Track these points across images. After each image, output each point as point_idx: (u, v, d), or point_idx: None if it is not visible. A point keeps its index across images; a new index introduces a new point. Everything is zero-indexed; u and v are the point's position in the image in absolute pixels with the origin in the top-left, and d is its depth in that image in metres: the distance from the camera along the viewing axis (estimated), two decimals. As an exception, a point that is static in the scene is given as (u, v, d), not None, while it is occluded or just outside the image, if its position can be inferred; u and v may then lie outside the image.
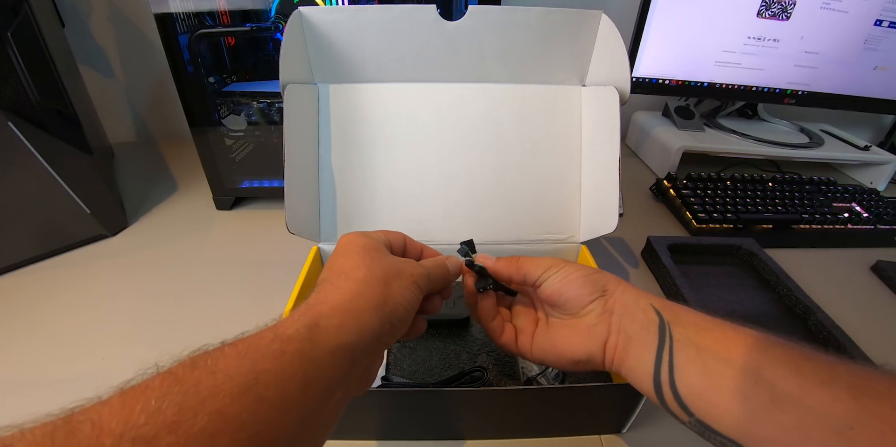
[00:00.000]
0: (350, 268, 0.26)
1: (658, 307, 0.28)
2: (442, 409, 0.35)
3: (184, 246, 0.59)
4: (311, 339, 0.21)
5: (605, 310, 0.29)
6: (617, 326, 0.29)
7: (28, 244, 0.54)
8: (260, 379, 0.18)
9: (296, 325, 0.22)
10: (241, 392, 0.18)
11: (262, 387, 0.18)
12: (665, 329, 0.27)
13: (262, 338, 0.20)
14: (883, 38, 0.74)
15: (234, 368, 0.18)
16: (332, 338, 0.22)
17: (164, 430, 0.15)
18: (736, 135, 0.83)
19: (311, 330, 0.21)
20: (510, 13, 0.44)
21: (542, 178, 0.49)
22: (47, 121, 0.50)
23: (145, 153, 0.84)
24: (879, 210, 0.70)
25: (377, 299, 0.25)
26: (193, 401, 0.17)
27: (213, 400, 0.17)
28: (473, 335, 0.45)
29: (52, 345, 0.44)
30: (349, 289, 0.25)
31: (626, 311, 0.29)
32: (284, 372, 0.19)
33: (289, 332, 0.21)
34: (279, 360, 0.19)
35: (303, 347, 0.21)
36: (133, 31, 0.78)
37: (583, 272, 0.31)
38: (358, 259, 0.27)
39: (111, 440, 0.15)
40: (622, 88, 0.45)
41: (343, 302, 0.24)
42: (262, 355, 0.19)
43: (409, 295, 0.27)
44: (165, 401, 0.16)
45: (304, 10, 0.43)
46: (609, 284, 0.30)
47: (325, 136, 0.47)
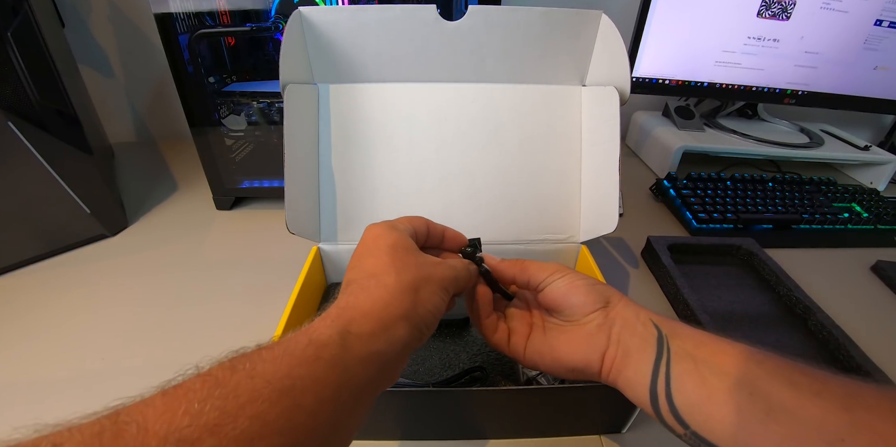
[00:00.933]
0: (379, 271, 0.26)
1: (657, 322, 0.28)
2: (442, 409, 0.35)
3: (184, 246, 0.59)
4: (343, 347, 0.21)
5: (606, 322, 0.29)
6: (616, 338, 0.29)
7: (28, 244, 0.54)
8: (297, 384, 0.19)
9: (329, 331, 0.22)
10: (279, 397, 0.18)
11: (299, 393, 0.19)
12: (663, 342, 0.27)
13: (298, 342, 0.21)
14: (883, 38, 0.74)
15: (272, 373, 0.19)
16: (363, 347, 0.22)
17: (206, 433, 0.16)
18: (736, 135, 0.83)
19: (342, 337, 0.22)
20: (510, 13, 0.44)
21: (542, 177, 0.49)
22: (47, 121, 0.50)
23: (145, 153, 0.84)
24: (879, 210, 0.70)
25: (407, 308, 0.25)
26: (234, 404, 0.17)
27: (253, 404, 0.17)
28: (473, 335, 0.45)
29: (52, 345, 0.44)
30: (380, 297, 0.25)
31: (626, 324, 0.29)
32: (319, 378, 0.20)
33: (322, 338, 0.21)
34: (314, 366, 0.20)
35: (336, 354, 0.21)
36: (133, 31, 0.78)
37: (588, 281, 0.31)
38: (387, 260, 0.26)
39: (157, 442, 0.15)
40: (622, 88, 0.45)
41: (374, 310, 0.24)
42: (298, 360, 0.20)
43: (438, 300, 0.27)
44: (207, 404, 0.17)
45: (304, 10, 0.43)
46: (612, 297, 0.30)
47: (325, 136, 0.47)
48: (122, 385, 0.19)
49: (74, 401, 0.38)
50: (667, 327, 0.28)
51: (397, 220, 0.31)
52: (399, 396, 0.34)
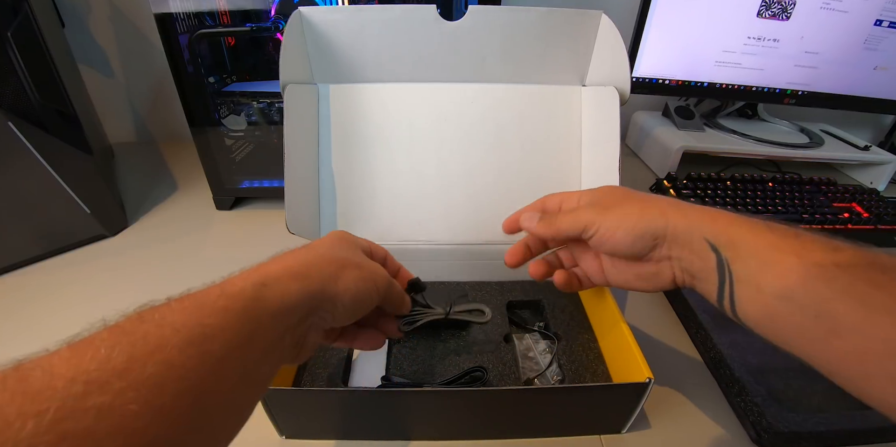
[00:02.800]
0: (316, 245, 0.28)
1: (715, 241, 0.27)
2: (442, 409, 0.35)
3: (184, 246, 0.59)
4: (255, 298, 0.21)
5: (663, 257, 0.30)
6: (679, 268, 0.29)
7: (28, 244, 0.54)
8: (206, 332, 0.19)
9: (242, 283, 0.22)
10: (188, 344, 0.18)
11: (208, 340, 0.19)
12: (724, 268, 0.27)
13: (209, 294, 0.21)
14: (883, 38, 0.74)
15: (181, 322, 0.19)
16: (276, 299, 0.22)
17: (114, 376, 0.16)
18: (736, 135, 0.83)
19: (256, 289, 0.22)
20: (510, 13, 0.44)
21: (543, 177, 0.49)
22: (47, 121, 0.50)
23: (145, 153, 0.84)
24: (879, 210, 0.70)
25: (329, 274, 0.25)
26: (141, 351, 0.17)
27: (161, 351, 0.17)
28: (473, 335, 0.45)
29: (52, 344, 0.44)
30: (305, 258, 0.25)
31: (683, 254, 0.29)
32: (229, 327, 0.20)
33: (235, 290, 0.21)
34: (224, 316, 0.20)
35: (247, 305, 0.21)
36: (133, 31, 0.78)
37: (626, 225, 0.30)
38: (327, 241, 0.28)
39: (63, 382, 0.15)
40: (622, 88, 0.45)
41: (295, 266, 0.24)
42: (209, 311, 0.20)
43: (363, 285, 0.27)
44: (115, 350, 0.17)
45: (304, 10, 0.43)
46: (658, 230, 0.29)
47: (325, 136, 0.47)
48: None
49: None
50: (727, 245, 0.27)
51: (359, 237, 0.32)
52: (399, 396, 0.34)
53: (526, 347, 0.43)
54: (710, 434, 0.38)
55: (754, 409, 0.37)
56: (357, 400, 0.34)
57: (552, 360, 0.42)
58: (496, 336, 0.45)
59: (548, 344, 0.44)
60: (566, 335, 0.44)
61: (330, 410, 0.35)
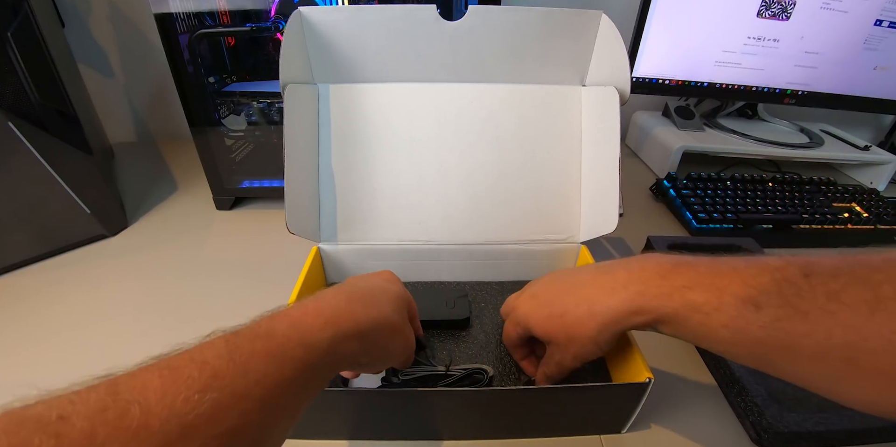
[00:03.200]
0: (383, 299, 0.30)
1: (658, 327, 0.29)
2: (443, 410, 0.35)
3: (184, 246, 0.59)
4: (332, 354, 0.24)
5: None
6: None
7: (28, 244, 0.54)
8: (282, 386, 0.21)
9: (320, 335, 0.24)
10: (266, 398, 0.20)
11: (282, 397, 0.20)
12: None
13: (289, 339, 0.22)
14: (883, 38, 0.74)
15: (262, 373, 0.20)
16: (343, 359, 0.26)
17: (203, 423, 0.17)
18: (736, 135, 0.83)
19: (332, 346, 0.24)
20: (510, 13, 0.44)
21: (542, 177, 0.49)
22: (47, 121, 0.50)
23: (145, 153, 0.84)
24: (879, 210, 0.70)
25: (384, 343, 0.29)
26: (227, 400, 0.18)
27: (244, 402, 0.19)
28: (473, 335, 0.45)
29: (52, 344, 0.44)
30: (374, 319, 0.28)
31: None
32: (300, 382, 0.22)
33: (313, 342, 0.23)
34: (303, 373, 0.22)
35: (328, 362, 0.24)
36: (133, 31, 0.78)
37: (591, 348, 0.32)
38: (393, 298, 0.31)
39: (159, 424, 0.16)
40: (622, 88, 0.45)
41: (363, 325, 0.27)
42: (288, 361, 0.21)
43: (399, 353, 0.31)
44: (206, 395, 0.18)
45: (304, 10, 0.43)
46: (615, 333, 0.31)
47: (325, 136, 0.47)
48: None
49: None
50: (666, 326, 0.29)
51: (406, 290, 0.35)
52: (400, 396, 0.34)
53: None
54: (710, 434, 0.38)
55: (754, 409, 0.37)
56: (357, 400, 0.34)
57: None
58: (496, 336, 0.45)
59: (548, 344, 0.44)
60: (566, 335, 0.44)
61: (330, 411, 0.35)
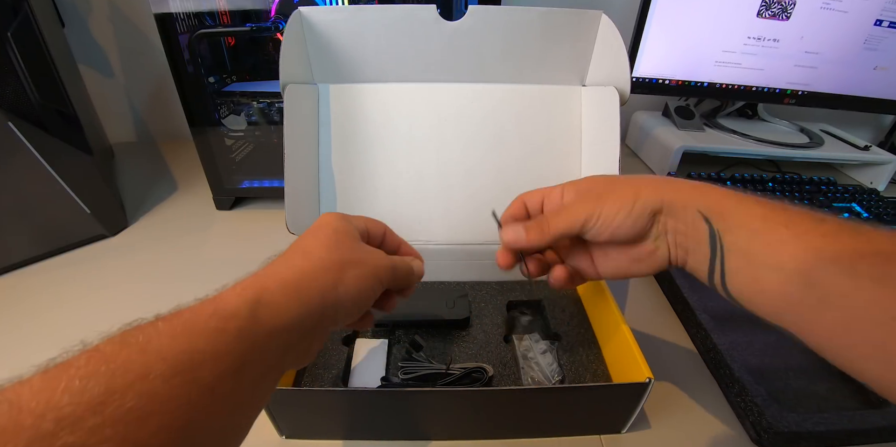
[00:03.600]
0: (311, 247, 0.26)
1: (707, 213, 0.27)
2: (442, 410, 0.35)
3: (184, 246, 0.59)
4: (251, 318, 0.20)
5: (661, 233, 0.30)
6: (674, 242, 0.29)
7: (28, 244, 0.54)
8: (195, 359, 0.18)
9: (237, 301, 0.21)
10: (174, 373, 0.17)
11: (197, 368, 0.17)
12: (716, 240, 0.27)
13: (201, 313, 0.20)
14: (883, 38, 0.74)
15: (167, 347, 0.17)
16: (273, 319, 0.21)
17: (88, 411, 0.15)
18: (736, 135, 0.83)
19: (252, 308, 0.20)
20: (510, 13, 0.44)
21: (542, 177, 0.49)
22: (47, 121, 0.50)
23: (145, 153, 0.84)
24: (879, 210, 0.70)
25: (327, 283, 0.24)
26: (121, 381, 0.16)
27: (143, 381, 0.16)
28: (473, 335, 0.45)
29: (53, 344, 0.44)
30: (301, 267, 0.24)
31: (678, 228, 0.29)
32: (220, 352, 0.18)
33: (229, 309, 0.20)
34: (216, 339, 0.19)
35: (242, 326, 0.20)
36: (133, 31, 0.78)
37: (626, 208, 0.29)
38: (323, 239, 0.26)
39: (32, 419, 0.14)
40: (622, 88, 0.45)
41: (291, 279, 0.23)
42: (199, 333, 0.18)
43: (365, 285, 0.26)
44: (91, 381, 0.15)
45: (304, 10, 0.43)
46: (656, 205, 0.29)
47: (325, 136, 0.47)
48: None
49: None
50: (719, 218, 0.27)
51: (354, 216, 0.30)
52: (399, 396, 0.34)
53: (526, 347, 0.43)
54: (710, 434, 0.38)
55: (754, 409, 0.37)
56: (357, 400, 0.34)
57: (552, 360, 0.42)
58: (496, 336, 0.45)
59: (548, 344, 0.44)
60: (566, 335, 0.44)
61: (330, 410, 0.35)
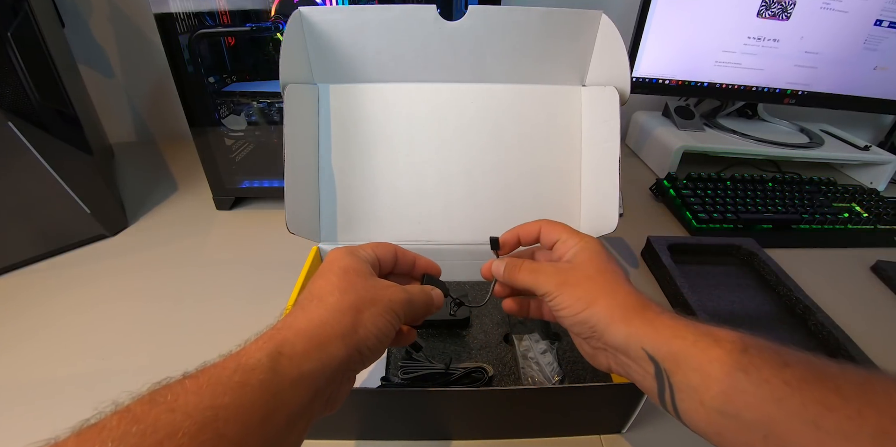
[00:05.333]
0: (324, 292, 0.25)
1: (653, 353, 0.25)
2: (442, 410, 0.35)
3: (184, 246, 0.59)
4: (273, 370, 0.21)
5: (599, 348, 0.29)
6: (615, 362, 0.28)
7: (28, 244, 0.54)
8: (219, 415, 0.18)
9: (258, 354, 0.21)
10: (199, 429, 0.17)
11: (222, 423, 0.18)
12: (663, 378, 0.25)
13: (224, 369, 0.20)
14: (883, 38, 0.74)
15: (193, 404, 0.18)
16: (294, 368, 0.21)
17: None
18: (736, 135, 0.83)
19: (273, 359, 0.21)
20: (510, 13, 0.44)
21: (542, 177, 0.49)
22: (47, 121, 0.50)
23: (145, 153, 0.84)
24: (879, 210, 0.70)
25: (346, 328, 0.24)
26: (151, 441, 0.16)
27: (171, 439, 0.17)
28: (473, 335, 0.45)
29: (53, 344, 0.44)
30: (318, 316, 0.24)
31: (618, 355, 0.28)
32: (244, 405, 0.19)
33: (251, 362, 0.21)
34: (240, 393, 0.19)
35: (265, 379, 0.20)
36: (133, 31, 0.78)
37: (571, 309, 0.29)
38: (335, 281, 0.26)
39: None
40: (622, 88, 0.45)
41: (309, 328, 0.23)
42: (223, 388, 0.19)
43: (383, 323, 0.26)
44: (122, 443, 0.16)
45: (304, 10, 0.43)
46: (597, 326, 0.28)
47: (325, 136, 0.47)
48: (123, 385, 0.19)
49: (75, 401, 0.38)
50: (667, 357, 0.25)
51: (361, 246, 0.30)
52: (399, 397, 0.34)
53: (526, 347, 0.43)
54: (710, 434, 0.38)
55: (754, 409, 0.37)
56: (357, 400, 0.34)
57: (552, 360, 0.42)
58: (496, 336, 0.45)
59: (548, 344, 0.44)
60: (566, 335, 0.44)
61: (330, 410, 0.35)
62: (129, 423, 0.17)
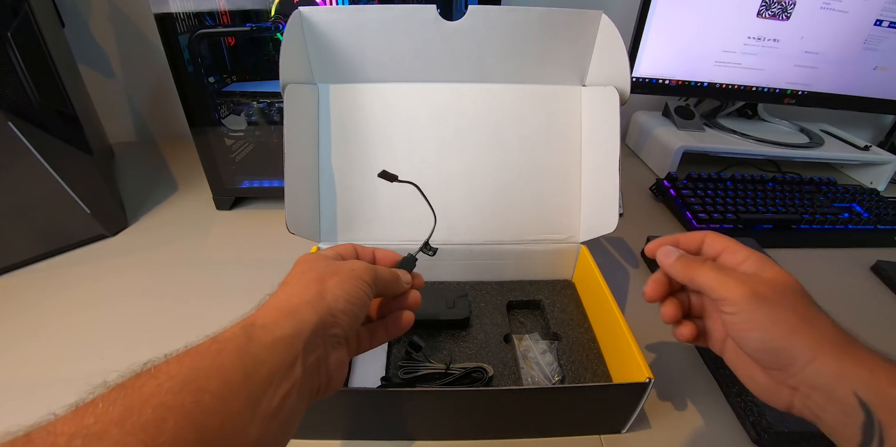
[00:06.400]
0: (290, 278, 0.28)
1: (866, 397, 0.22)
2: (442, 410, 0.35)
3: (184, 246, 0.59)
4: (247, 337, 0.22)
5: (787, 384, 0.24)
6: (803, 403, 0.24)
7: (28, 244, 0.54)
8: (200, 374, 0.20)
9: (233, 329, 0.23)
10: (182, 386, 0.19)
11: (204, 381, 0.19)
12: (874, 431, 0.21)
13: (203, 343, 0.22)
14: (883, 38, 0.74)
15: (175, 369, 0.20)
16: (268, 334, 0.23)
17: (112, 425, 0.17)
18: (736, 135, 0.83)
19: (246, 330, 0.23)
20: (510, 13, 0.44)
21: (542, 177, 0.49)
22: (47, 121, 0.50)
23: (145, 153, 0.84)
24: (879, 210, 0.70)
25: (313, 295, 0.26)
26: (138, 399, 0.18)
27: (156, 396, 0.18)
28: (473, 335, 0.45)
29: (53, 344, 0.44)
30: (284, 293, 0.26)
31: (817, 397, 0.23)
32: (224, 365, 0.20)
33: (226, 335, 0.22)
34: (217, 357, 0.21)
35: (240, 344, 0.22)
36: (133, 31, 0.78)
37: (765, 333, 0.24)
38: (298, 270, 0.29)
39: (64, 439, 0.16)
40: (622, 88, 0.45)
41: (277, 303, 0.25)
42: (201, 356, 0.21)
43: (350, 286, 0.27)
44: (111, 405, 0.18)
45: (304, 10, 0.43)
46: (797, 360, 0.24)
47: (325, 136, 0.47)
48: (122, 385, 0.20)
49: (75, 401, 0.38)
50: (883, 407, 0.21)
51: (323, 250, 0.32)
52: (399, 396, 0.34)
53: (526, 347, 0.43)
54: (710, 434, 0.38)
55: (754, 409, 0.37)
56: (357, 400, 0.34)
57: (552, 360, 0.42)
58: (496, 336, 0.45)
59: (548, 344, 0.44)
60: (566, 335, 0.44)
61: (330, 410, 0.35)
62: (117, 391, 0.18)
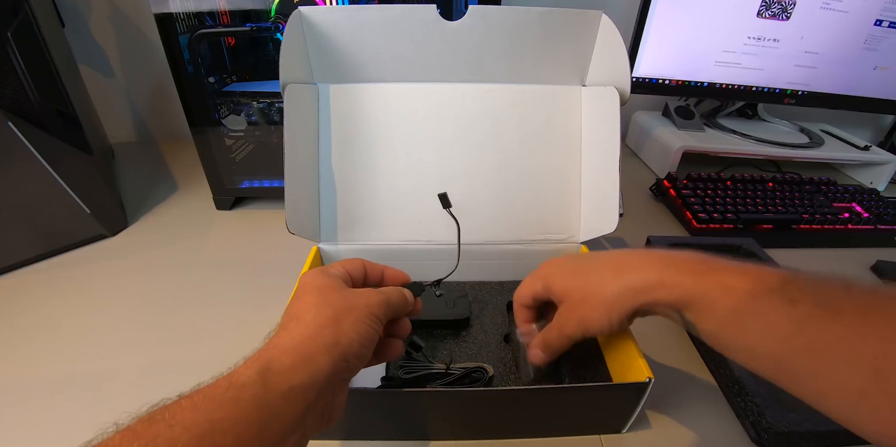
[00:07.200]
0: (302, 311, 0.27)
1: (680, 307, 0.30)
2: (442, 410, 0.35)
3: (184, 246, 0.59)
4: (263, 385, 0.22)
5: None
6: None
7: (28, 244, 0.54)
8: (216, 428, 0.19)
9: (248, 372, 0.22)
10: (197, 442, 0.18)
11: (219, 436, 0.19)
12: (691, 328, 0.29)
13: (217, 387, 0.21)
14: (883, 38, 0.74)
15: (191, 420, 0.19)
16: (284, 382, 0.22)
17: None
18: (736, 135, 0.83)
19: (262, 375, 0.22)
20: (510, 13, 0.44)
21: (542, 177, 0.49)
22: (47, 121, 0.50)
23: (145, 153, 0.84)
24: (879, 210, 0.70)
25: (328, 339, 0.25)
26: None
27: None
28: (473, 335, 0.45)
29: (53, 344, 0.44)
30: (300, 333, 0.25)
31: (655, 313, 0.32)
32: (239, 419, 0.20)
33: (242, 379, 0.22)
34: (233, 408, 0.20)
35: (256, 393, 0.21)
36: (133, 31, 0.78)
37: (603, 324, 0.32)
38: (310, 300, 0.27)
39: None
40: (622, 88, 0.45)
41: (293, 345, 0.24)
42: (217, 404, 0.20)
43: (364, 328, 0.27)
44: None
45: (304, 9, 0.43)
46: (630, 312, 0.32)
47: (325, 136, 0.47)
48: (122, 385, 0.19)
49: (74, 401, 0.38)
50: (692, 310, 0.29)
51: (331, 265, 0.31)
52: (399, 397, 0.34)
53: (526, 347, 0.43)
54: (710, 434, 0.38)
55: (754, 409, 0.37)
56: (357, 400, 0.34)
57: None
58: (496, 336, 0.45)
59: (548, 344, 0.44)
60: (566, 335, 0.44)
61: (330, 410, 0.35)
62: (130, 440, 0.18)
